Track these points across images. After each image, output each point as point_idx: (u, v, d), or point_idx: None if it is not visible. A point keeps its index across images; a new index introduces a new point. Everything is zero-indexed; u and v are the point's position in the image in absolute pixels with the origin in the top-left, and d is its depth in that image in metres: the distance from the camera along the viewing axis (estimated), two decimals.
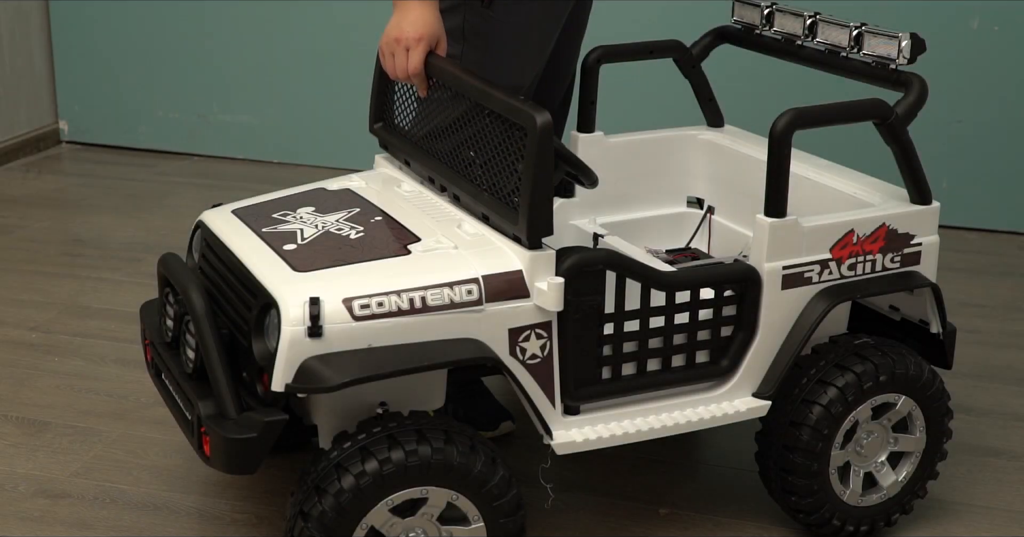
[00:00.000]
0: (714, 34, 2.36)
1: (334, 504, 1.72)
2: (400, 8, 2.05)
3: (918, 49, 1.98)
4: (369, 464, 1.72)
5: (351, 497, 1.72)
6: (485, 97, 1.88)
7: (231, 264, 1.90)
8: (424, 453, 1.74)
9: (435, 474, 1.75)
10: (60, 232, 3.56)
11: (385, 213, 1.98)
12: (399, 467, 1.73)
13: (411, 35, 2.02)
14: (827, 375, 1.99)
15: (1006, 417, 2.57)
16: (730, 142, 2.38)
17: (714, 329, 1.95)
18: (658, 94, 3.33)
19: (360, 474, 1.72)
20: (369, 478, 1.72)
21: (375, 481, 1.72)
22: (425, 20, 2.02)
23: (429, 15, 2.03)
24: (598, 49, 2.25)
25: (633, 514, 2.20)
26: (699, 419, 1.95)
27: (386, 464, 1.73)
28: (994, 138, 3.57)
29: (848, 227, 1.97)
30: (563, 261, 1.81)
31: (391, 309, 1.74)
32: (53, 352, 2.80)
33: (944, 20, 3.49)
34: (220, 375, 1.77)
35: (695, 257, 2.36)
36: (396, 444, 1.74)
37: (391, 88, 2.16)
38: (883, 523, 2.12)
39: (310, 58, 4.07)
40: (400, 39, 2.02)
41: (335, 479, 1.73)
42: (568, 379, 1.86)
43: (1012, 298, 3.18)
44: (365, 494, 1.73)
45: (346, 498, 1.72)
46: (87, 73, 4.29)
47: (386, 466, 1.73)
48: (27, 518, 2.17)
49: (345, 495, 1.72)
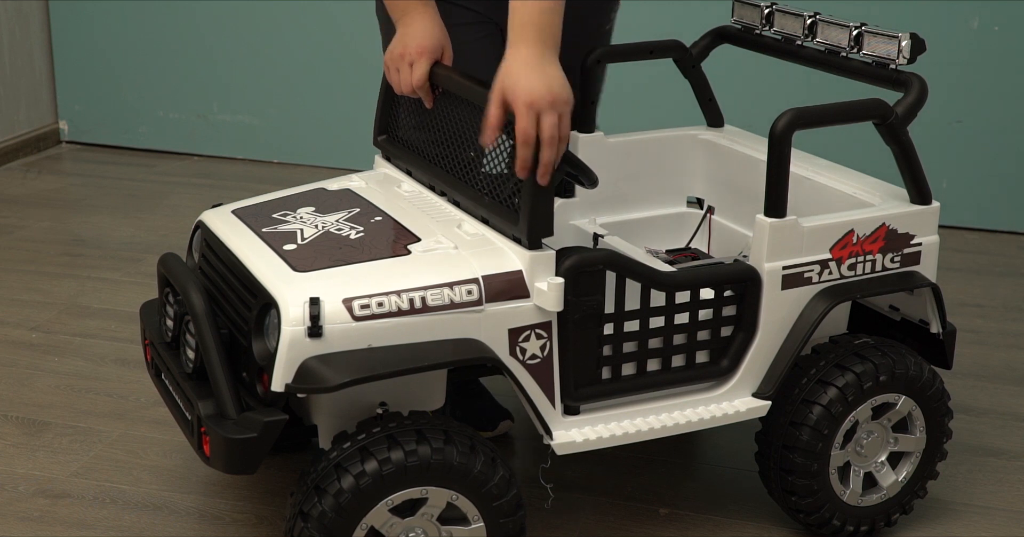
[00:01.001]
0: (714, 34, 2.36)
1: (334, 504, 1.72)
2: (403, 23, 2.05)
3: (918, 49, 1.98)
4: (369, 464, 1.72)
5: (351, 497, 1.72)
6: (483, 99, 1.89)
7: (231, 264, 1.90)
8: (424, 453, 1.74)
9: (435, 474, 1.75)
10: (60, 232, 3.56)
11: (385, 213, 1.98)
12: (399, 467, 1.73)
13: (413, 49, 2.01)
14: (827, 375, 1.99)
15: (1005, 417, 2.57)
16: (730, 142, 2.38)
17: (714, 329, 1.95)
18: (658, 94, 3.33)
19: (360, 474, 1.72)
20: (369, 478, 1.72)
21: (375, 481, 1.72)
22: (427, 32, 2.02)
23: (432, 27, 2.03)
24: (598, 49, 2.25)
25: (633, 514, 2.20)
26: (699, 419, 1.95)
27: (386, 464, 1.72)
28: (994, 138, 3.57)
29: (848, 227, 1.97)
30: (563, 261, 1.80)
31: (391, 309, 1.74)
32: (53, 352, 2.80)
33: (944, 20, 3.49)
34: (220, 375, 1.76)
35: (695, 257, 2.36)
36: (396, 444, 1.74)
37: (395, 101, 2.15)
38: (883, 523, 2.12)
39: (310, 58, 4.07)
40: (404, 54, 2.02)
41: (335, 479, 1.72)
42: (568, 379, 1.86)
43: (1012, 298, 3.18)
44: (365, 494, 1.73)
45: (346, 498, 1.72)
46: (87, 73, 4.29)
47: (386, 466, 1.72)
48: (27, 518, 2.17)
49: (345, 495, 1.72)
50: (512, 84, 1.74)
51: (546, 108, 1.73)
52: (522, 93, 1.72)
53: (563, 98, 1.75)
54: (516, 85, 1.73)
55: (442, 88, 2.02)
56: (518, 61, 1.76)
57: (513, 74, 1.75)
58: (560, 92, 1.74)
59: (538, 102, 1.73)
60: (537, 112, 1.73)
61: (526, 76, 1.73)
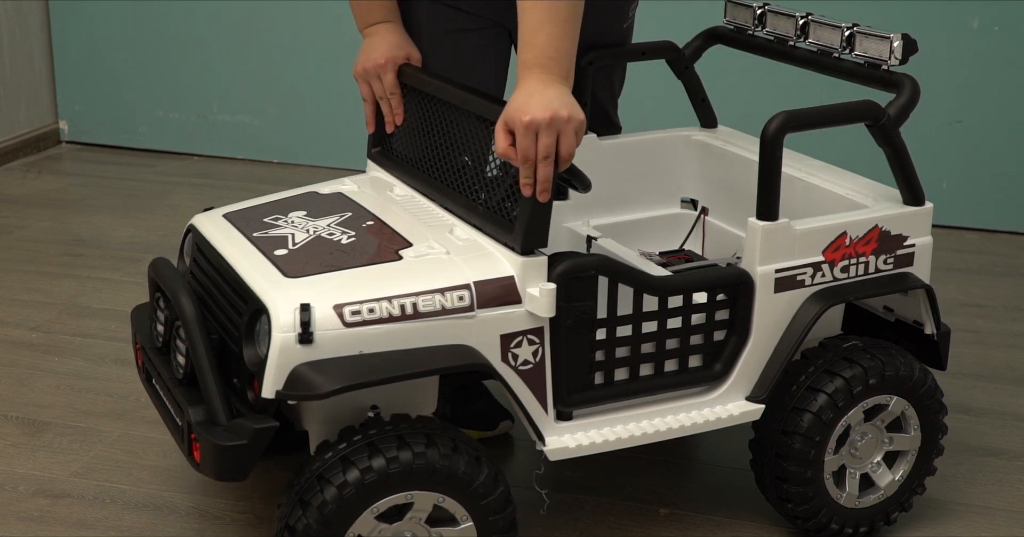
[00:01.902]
0: (706, 35, 2.35)
1: (318, 517, 1.71)
2: (367, 34, 2.13)
3: (910, 50, 1.97)
4: (350, 474, 1.71)
5: (335, 508, 1.71)
6: (466, 102, 1.90)
7: (222, 269, 1.89)
8: (405, 459, 1.73)
9: (418, 479, 1.74)
10: (60, 232, 3.56)
11: (377, 217, 1.98)
12: (381, 475, 1.72)
13: (378, 62, 2.09)
14: (816, 381, 1.98)
15: (1006, 417, 2.56)
16: (723, 143, 2.38)
17: (707, 333, 1.94)
18: (651, 95, 3.32)
19: (342, 485, 1.71)
20: (351, 488, 1.71)
21: (357, 491, 1.71)
22: (390, 44, 2.11)
23: (394, 39, 2.11)
24: (590, 51, 2.24)
25: (633, 514, 2.20)
26: (692, 423, 1.95)
27: (367, 473, 1.71)
28: (994, 138, 3.56)
29: (841, 229, 1.96)
30: (555, 267, 1.80)
31: (382, 315, 1.73)
32: (53, 352, 2.80)
33: (944, 20, 3.48)
34: (210, 381, 1.76)
35: (688, 259, 2.36)
36: (377, 452, 1.72)
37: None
38: (883, 522, 2.12)
39: (310, 58, 4.06)
40: (368, 68, 2.10)
41: (318, 491, 1.72)
42: (560, 385, 1.85)
43: (1012, 298, 3.17)
44: (349, 505, 1.72)
45: (330, 510, 1.71)
46: (87, 73, 4.30)
47: (367, 475, 1.71)
48: (27, 518, 2.18)
49: (329, 507, 1.71)
50: (513, 111, 1.75)
51: (544, 127, 1.73)
52: (521, 115, 1.74)
53: (562, 116, 1.73)
54: (516, 111, 1.75)
55: (418, 90, 2.04)
56: (522, 93, 1.77)
57: (515, 103, 1.76)
58: (559, 111, 1.73)
59: (536, 122, 1.73)
60: (535, 131, 1.74)
61: (525, 102, 1.74)
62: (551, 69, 1.77)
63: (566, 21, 1.79)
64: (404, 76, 2.09)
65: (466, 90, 1.93)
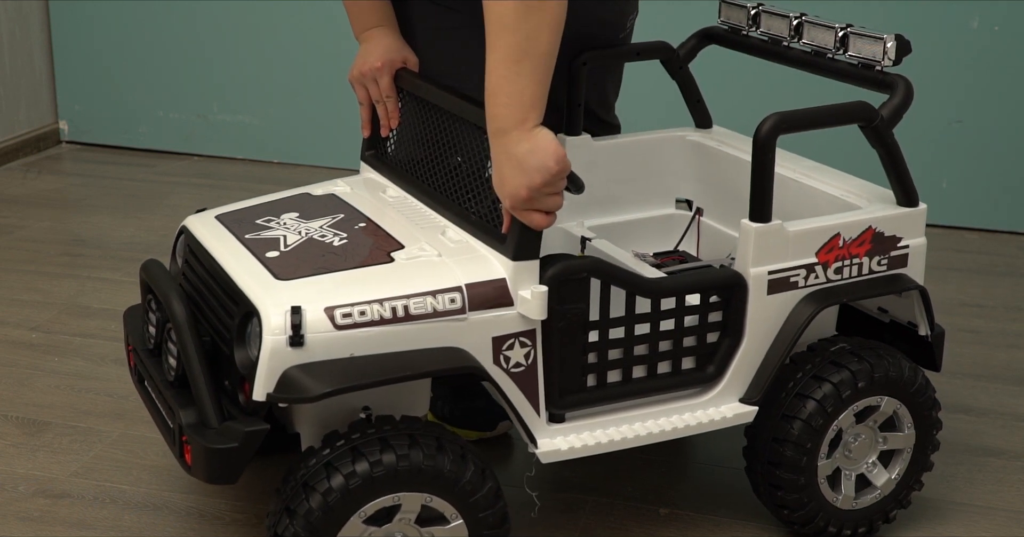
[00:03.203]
0: (701, 35, 2.35)
1: (305, 525, 1.71)
2: (363, 40, 2.11)
3: (903, 51, 1.96)
4: (335, 480, 1.71)
5: (321, 515, 1.71)
6: (461, 108, 1.90)
7: (213, 271, 1.89)
8: (389, 461, 1.72)
9: (404, 480, 1.73)
10: (60, 232, 3.57)
11: (369, 219, 1.98)
12: (365, 479, 1.71)
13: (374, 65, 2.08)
14: (804, 388, 1.97)
15: (1006, 417, 2.56)
16: (718, 143, 2.37)
17: (700, 335, 1.94)
18: (645, 96, 3.32)
19: (327, 492, 1.71)
20: (336, 495, 1.71)
21: (343, 497, 1.71)
22: (385, 48, 2.09)
23: (390, 43, 2.10)
24: (584, 52, 2.24)
25: (633, 514, 2.20)
26: (685, 426, 1.94)
27: (351, 478, 1.71)
28: (994, 138, 3.55)
29: (834, 231, 1.96)
30: (547, 269, 1.80)
31: (373, 318, 1.73)
32: (53, 352, 2.81)
33: (944, 20, 3.47)
34: (201, 384, 1.76)
35: (683, 260, 2.35)
36: (360, 456, 1.72)
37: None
38: (881, 521, 2.11)
39: (310, 58, 4.06)
40: (364, 72, 2.08)
41: (303, 499, 1.71)
42: (553, 387, 1.85)
43: (1012, 298, 3.16)
44: (335, 511, 1.71)
45: (317, 517, 1.71)
46: (87, 73, 4.30)
47: (352, 480, 1.71)
48: (27, 518, 2.18)
49: (315, 514, 1.71)
50: (498, 188, 1.77)
51: (521, 208, 1.75)
52: (505, 198, 1.76)
53: (536, 185, 1.72)
54: (501, 189, 1.76)
55: (414, 94, 2.04)
56: (499, 156, 1.75)
57: (497, 175, 1.77)
58: (536, 180, 1.71)
59: (517, 205, 1.74)
60: (519, 209, 1.75)
61: (508, 174, 1.74)
62: (521, 116, 1.73)
63: (529, 74, 1.72)
64: (400, 80, 2.09)
65: (461, 97, 1.93)
